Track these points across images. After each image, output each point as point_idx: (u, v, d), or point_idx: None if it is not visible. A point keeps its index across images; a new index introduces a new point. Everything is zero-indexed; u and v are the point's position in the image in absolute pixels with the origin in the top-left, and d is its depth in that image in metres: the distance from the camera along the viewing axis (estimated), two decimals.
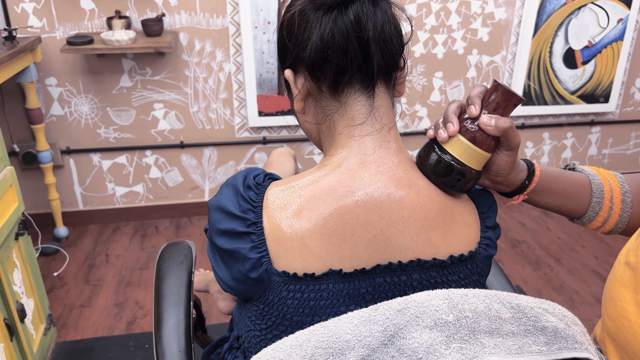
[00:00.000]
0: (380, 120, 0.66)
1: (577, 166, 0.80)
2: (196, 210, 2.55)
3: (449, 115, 0.65)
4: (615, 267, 0.68)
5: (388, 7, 0.66)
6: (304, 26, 0.65)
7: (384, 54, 0.65)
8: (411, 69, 2.47)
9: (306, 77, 0.67)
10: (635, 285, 0.62)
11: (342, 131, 0.66)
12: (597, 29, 2.52)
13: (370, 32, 0.63)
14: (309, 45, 0.64)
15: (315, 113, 0.69)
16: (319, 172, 0.65)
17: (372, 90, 0.66)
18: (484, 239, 0.68)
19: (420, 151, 0.67)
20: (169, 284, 0.92)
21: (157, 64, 2.25)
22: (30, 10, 2.08)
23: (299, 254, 0.61)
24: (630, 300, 0.63)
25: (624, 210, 0.75)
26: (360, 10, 0.63)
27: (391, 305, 0.52)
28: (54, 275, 2.12)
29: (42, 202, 2.40)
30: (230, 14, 2.22)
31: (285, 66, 0.70)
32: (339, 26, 0.63)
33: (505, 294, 0.54)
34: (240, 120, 2.41)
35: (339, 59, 0.63)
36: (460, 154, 0.63)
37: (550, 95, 2.61)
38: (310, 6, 0.65)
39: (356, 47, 0.63)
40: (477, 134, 0.63)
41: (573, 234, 2.48)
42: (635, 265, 0.63)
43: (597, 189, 0.75)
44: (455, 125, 0.63)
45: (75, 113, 2.28)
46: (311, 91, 0.68)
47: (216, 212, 0.65)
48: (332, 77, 0.65)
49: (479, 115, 0.63)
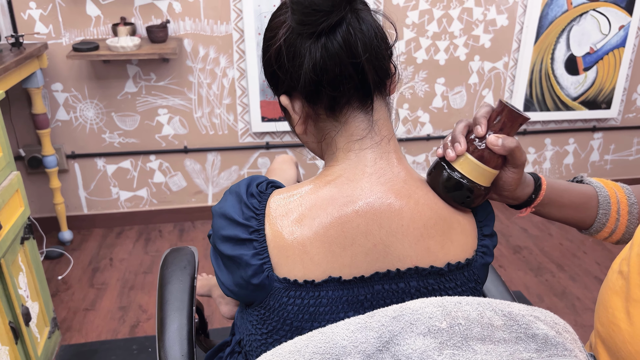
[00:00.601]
0: (379, 133, 0.67)
1: (584, 178, 0.82)
2: (200, 214, 2.57)
3: (457, 135, 0.67)
4: (609, 275, 0.69)
5: (370, 16, 0.66)
6: (292, 56, 0.64)
7: (378, 69, 0.65)
8: (401, 73, 2.48)
9: (303, 102, 0.67)
10: (627, 294, 0.64)
11: (342, 146, 0.67)
12: (599, 36, 2.53)
13: (362, 53, 0.63)
14: (302, 76, 0.64)
15: (315, 132, 0.70)
16: (320, 181, 0.66)
17: (370, 105, 0.67)
18: (481, 247, 0.69)
19: (431, 169, 0.69)
20: (172, 289, 0.94)
21: (161, 69, 2.27)
22: (37, 17, 2.11)
23: (299, 261, 0.62)
24: (621, 308, 0.64)
25: (631, 222, 0.77)
26: (348, 32, 0.62)
27: (387, 312, 0.54)
28: (59, 279, 2.14)
29: (47, 206, 2.42)
30: (234, 20, 2.24)
31: (279, 93, 0.70)
32: (330, 53, 0.62)
33: (498, 301, 0.55)
34: (243, 126, 2.43)
35: (334, 86, 0.63)
36: (469, 172, 0.65)
37: (552, 101, 2.63)
38: (296, 34, 0.64)
39: (351, 71, 0.63)
40: (485, 153, 0.65)
41: (575, 240, 2.48)
42: (627, 274, 0.64)
43: (603, 201, 0.77)
44: (463, 145, 0.65)
45: (80, 118, 2.30)
46: (310, 114, 0.68)
47: (220, 219, 0.66)
48: (329, 102, 0.65)
49: (485, 135, 0.66)
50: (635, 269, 0.63)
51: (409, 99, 2.53)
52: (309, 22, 0.61)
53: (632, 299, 0.63)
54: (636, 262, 0.63)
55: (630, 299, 0.63)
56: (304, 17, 0.61)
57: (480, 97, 2.59)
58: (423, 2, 2.34)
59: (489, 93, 2.59)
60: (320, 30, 0.62)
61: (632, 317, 0.63)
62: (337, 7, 0.61)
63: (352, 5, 0.63)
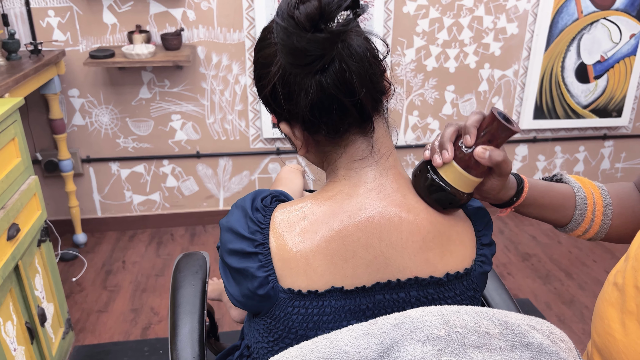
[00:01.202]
0: (379, 151, 0.69)
1: (564, 176, 0.84)
2: (211, 218, 2.61)
3: (445, 142, 0.67)
4: (605, 286, 0.71)
5: (360, 39, 0.65)
6: (288, 94, 0.65)
7: (373, 94, 0.66)
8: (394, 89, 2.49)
9: (303, 131, 0.69)
10: (622, 305, 0.65)
11: (344, 165, 0.69)
12: (610, 44, 2.53)
13: (358, 87, 0.63)
14: (299, 111, 0.65)
15: (317, 154, 0.72)
16: (321, 196, 0.69)
17: (370, 127, 0.68)
18: (480, 256, 0.71)
19: (416, 171, 0.70)
20: (184, 293, 0.97)
21: (175, 76, 2.32)
22: (55, 25, 2.17)
23: (303, 272, 0.65)
24: (617, 319, 0.66)
25: (605, 222, 0.80)
26: (341, 69, 0.62)
27: (388, 320, 0.56)
28: (73, 281, 2.19)
29: (62, 209, 2.47)
30: (246, 28, 2.28)
31: (279, 121, 0.71)
32: (326, 91, 0.63)
33: (495, 311, 0.58)
34: (254, 132, 2.47)
35: (332, 118, 0.65)
36: (453, 180, 0.66)
37: (562, 109, 2.63)
38: (289, 71, 0.63)
39: (348, 103, 0.64)
40: (471, 162, 0.66)
41: (584, 249, 2.48)
42: (622, 287, 0.66)
43: (581, 202, 0.80)
44: (450, 153, 0.66)
45: (95, 123, 2.35)
46: (310, 141, 0.70)
47: (227, 233, 0.69)
48: (329, 131, 0.67)
49: (473, 145, 0.66)
50: (630, 281, 0.65)
51: (418, 105, 2.55)
52: (300, 64, 0.62)
53: (627, 311, 0.65)
54: (631, 275, 0.65)
55: (626, 310, 0.65)
56: (295, 60, 0.62)
57: (490, 104, 2.60)
58: (433, 10, 2.37)
59: (499, 100, 2.60)
60: (314, 70, 0.62)
61: (627, 329, 0.65)
62: (328, 49, 0.61)
63: (342, 44, 0.62)
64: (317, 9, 0.59)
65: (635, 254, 0.66)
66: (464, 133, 0.65)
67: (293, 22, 0.60)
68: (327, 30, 0.60)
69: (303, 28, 0.60)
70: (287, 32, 0.60)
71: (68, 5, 2.14)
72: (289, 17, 0.60)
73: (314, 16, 0.59)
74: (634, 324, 0.63)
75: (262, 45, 0.68)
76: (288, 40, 0.61)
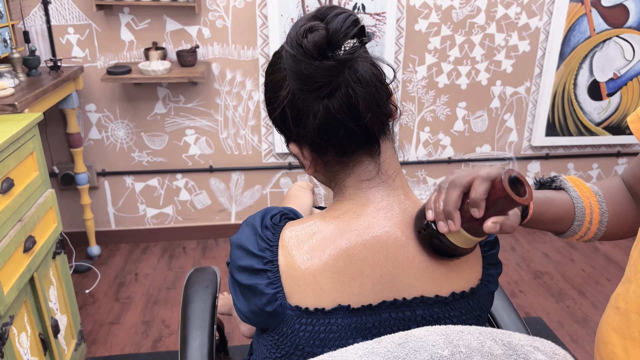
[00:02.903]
0: (386, 172, 0.71)
1: (562, 183, 0.84)
2: (223, 232, 2.63)
3: (451, 211, 0.62)
4: (607, 309, 0.71)
5: (367, 64, 0.66)
6: (297, 118, 0.67)
7: (380, 117, 0.68)
8: (402, 110, 2.51)
9: (312, 152, 0.71)
10: (624, 331, 0.65)
11: (352, 185, 0.71)
12: (623, 62, 2.53)
13: (364, 111, 0.64)
14: (308, 134, 0.67)
15: (325, 174, 0.74)
16: (329, 215, 0.70)
17: (377, 149, 0.70)
18: (486, 276, 0.72)
19: (420, 228, 0.67)
20: (195, 307, 0.98)
21: (190, 92, 2.36)
22: (75, 42, 2.22)
23: (310, 290, 0.66)
24: (619, 345, 0.65)
25: (599, 230, 0.82)
26: (349, 90, 0.64)
27: (393, 339, 0.57)
28: (86, 293, 2.22)
29: (77, 221, 2.51)
30: (260, 45, 2.32)
31: (288, 142, 0.73)
32: (333, 116, 0.65)
33: (499, 331, 0.58)
34: (267, 147, 2.50)
35: (339, 141, 0.67)
36: (461, 243, 0.64)
37: (574, 126, 2.62)
38: (298, 96, 0.65)
39: (354, 127, 0.66)
40: (479, 230, 0.63)
41: (598, 267, 2.46)
42: (625, 311, 0.66)
43: (579, 213, 0.81)
44: (457, 224, 0.62)
45: (111, 137, 2.40)
46: (319, 161, 0.72)
47: (237, 250, 0.71)
48: (336, 153, 0.68)
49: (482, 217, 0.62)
50: (633, 307, 0.65)
51: (430, 122, 2.56)
52: (308, 89, 0.64)
53: (630, 337, 0.64)
54: (634, 300, 0.65)
55: (629, 337, 0.64)
56: (303, 85, 0.64)
57: (502, 121, 2.60)
58: (445, 28, 2.39)
59: (510, 117, 2.60)
60: (321, 96, 0.64)
61: (630, 356, 0.64)
62: (335, 76, 0.63)
63: (349, 70, 0.64)
64: (324, 37, 0.62)
65: (636, 279, 0.66)
66: (472, 205, 0.61)
67: (301, 50, 0.63)
68: (334, 58, 0.62)
69: (311, 56, 0.62)
70: (296, 59, 0.63)
71: (87, 23, 2.20)
72: (298, 45, 0.63)
73: (321, 45, 0.62)
74: (637, 351, 0.63)
75: (272, 70, 0.71)
76: (296, 67, 0.64)
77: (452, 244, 0.64)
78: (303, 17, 0.66)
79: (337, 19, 0.63)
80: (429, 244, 0.66)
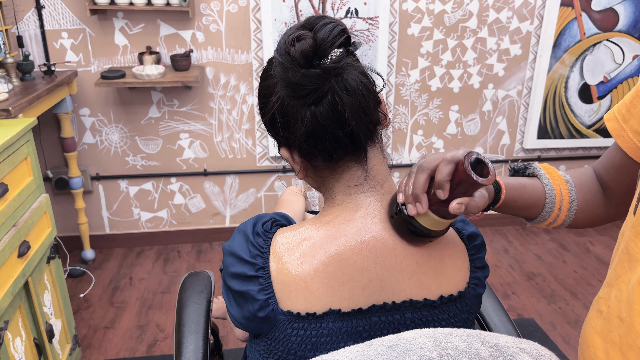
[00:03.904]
0: (374, 178, 0.72)
1: (536, 170, 0.86)
2: (217, 235, 2.64)
3: (419, 194, 0.64)
4: (590, 312, 0.72)
5: (355, 73, 0.67)
6: (286, 123, 0.69)
7: (367, 124, 0.69)
8: (393, 118, 2.53)
9: (301, 156, 0.73)
10: (606, 334, 0.66)
11: (341, 191, 0.73)
12: (613, 65, 2.56)
13: (350, 118, 0.66)
14: (296, 139, 0.69)
15: (315, 179, 0.76)
16: (319, 221, 0.71)
17: (364, 156, 0.72)
18: (473, 279, 0.74)
19: (393, 213, 0.69)
20: (189, 312, 0.99)
21: (184, 96, 2.37)
22: (68, 46, 2.23)
23: (302, 295, 0.67)
24: (601, 347, 0.67)
25: (568, 217, 0.84)
26: (335, 97, 0.65)
27: (383, 342, 0.59)
28: (80, 297, 2.22)
29: (71, 226, 2.51)
30: (254, 50, 2.33)
31: (279, 146, 0.76)
32: (319, 122, 0.67)
33: (487, 333, 0.60)
34: (261, 150, 2.51)
35: (326, 147, 0.69)
36: (430, 225, 0.66)
37: (566, 129, 2.65)
38: (287, 102, 0.68)
39: (341, 135, 0.68)
40: (447, 212, 0.65)
41: (590, 268, 2.48)
42: (607, 315, 0.67)
43: (550, 200, 0.83)
44: (425, 206, 0.64)
45: (105, 141, 2.40)
46: (308, 166, 0.74)
47: (229, 257, 0.72)
48: (324, 159, 0.71)
49: (447, 199, 0.64)
50: (614, 312, 0.66)
51: (423, 125, 2.58)
52: (296, 96, 0.66)
53: (611, 340, 0.66)
54: (615, 305, 0.66)
55: (609, 340, 0.66)
56: (291, 92, 0.66)
57: (494, 124, 2.63)
58: (437, 32, 2.41)
59: (502, 120, 2.63)
60: (308, 102, 0.66)
61: (611, 359, 0.66)
62: (322, 84, 0.65)
63: (336, 78, 0.65)
64: (311, 46, 0.64)
65: (617, 283, 0.67)
66: (436, 187, 0.63)
67: (289, 58, 0.65)
68: (320, 67, 0.65)
69: (298, 64, 0.65)
70: (284, 66, 0.65)
71: (81, 28, 2.20)
72: (286, 53, 0.65)
73: (308, 53, 0.64)
74: (617, 354, 0.64)
75: (264, 76, 0.73)
76: (285, 75, 0.66)
77: (422, 226, 0.66)
78: (292, 26, 0.69)
79: (325, 29, 0.65)
80: (402, 228, 0.68)
